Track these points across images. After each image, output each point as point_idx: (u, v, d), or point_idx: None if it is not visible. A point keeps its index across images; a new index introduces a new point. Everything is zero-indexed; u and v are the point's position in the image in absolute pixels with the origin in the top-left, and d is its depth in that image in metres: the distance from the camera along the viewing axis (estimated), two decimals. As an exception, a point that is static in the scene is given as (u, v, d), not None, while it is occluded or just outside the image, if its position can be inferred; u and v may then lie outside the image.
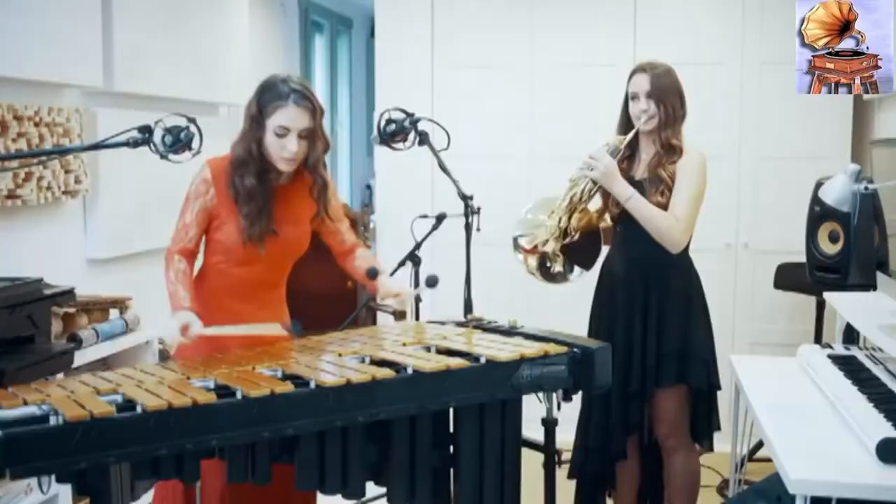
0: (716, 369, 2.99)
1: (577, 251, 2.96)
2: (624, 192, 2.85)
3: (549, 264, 2.95)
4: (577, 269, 3.00)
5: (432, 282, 2.70)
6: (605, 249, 3.09)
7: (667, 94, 2.90)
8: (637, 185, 2.91)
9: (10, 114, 3.07)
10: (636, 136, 2.96)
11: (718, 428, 3.01)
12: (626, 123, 3.00)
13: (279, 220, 2.61)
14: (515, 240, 3.01)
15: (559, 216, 2.92)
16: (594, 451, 3.01)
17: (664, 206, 2.87)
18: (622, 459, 3.01)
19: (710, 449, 3.05)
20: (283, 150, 2.53)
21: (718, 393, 3.02)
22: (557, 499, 2.54)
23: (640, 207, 2.85)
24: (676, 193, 2.88)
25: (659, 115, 2.90)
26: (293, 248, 2.69)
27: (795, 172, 4.26)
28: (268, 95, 2.54)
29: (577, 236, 2.93)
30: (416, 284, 3.20)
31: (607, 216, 3.04)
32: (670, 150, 2.91)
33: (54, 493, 2.92)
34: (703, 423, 2.99)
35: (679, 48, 4.39)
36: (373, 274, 2.70)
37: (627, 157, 2.98)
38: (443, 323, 2.83)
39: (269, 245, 2.59)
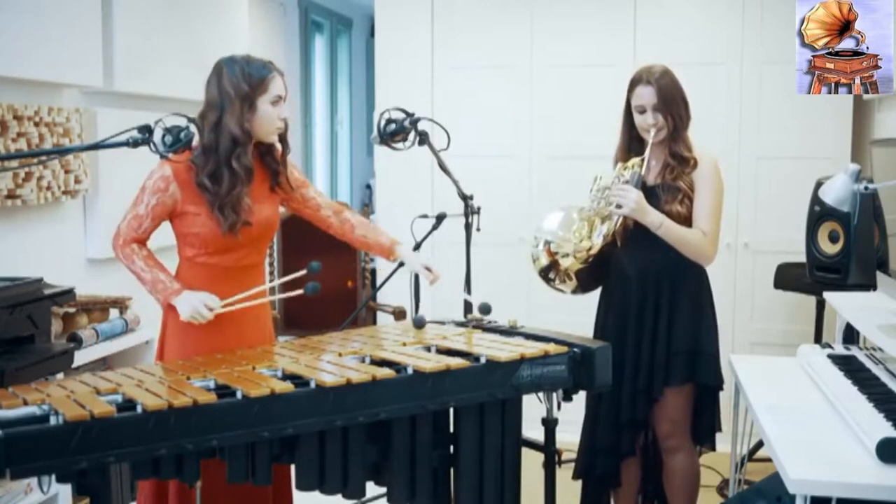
0: (720, 368, 2.99)
1: (587, 272, 2.97)
2: (654, 221, 2.82)
3: (553, 276, 2.95)
4: (578, 290, 3.02)
5: (485, 309, 2.79)
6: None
7: (673, 103, 2.86)
8: (650, 190, 2.90)
9: (10, 114, 3.07)
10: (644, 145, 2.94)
11: (720, 429, 3.01)
12: (630, 135, 2.96)
13: (251, 202, 2.60)
14: (547, 242, 2.97)
15: (589, 245, 2.91)
16: (602, 451, 2.99)
17: (685, 217, 2.86)
18: (631, 457, 3.00)
19: (713, 448, 3.04)
20: (278, 120, 2.58)
21: (719, 393, 3.01)
22: (558, 499, 2.55)
23: (672, 232, 2.83)
24: (700, 206, 2.86)
25: (668, 126, 2.87)
26: (268, 226, 2.68)
27: (795, 172, 4.26)
28: (253, 71, 2.56)
29: (592, 259, 2.94)
30: (416, 285, 3.20)
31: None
32: (683, 161, 2.89)
33: (54, 493, 2.93)
34: (707, 423, 2.98)
35: (679, 48, 4.39)
36: (419, 323, 2.73)
37: None
38: (443, 323, 2.84)
39: (245, 230, 2.59)
